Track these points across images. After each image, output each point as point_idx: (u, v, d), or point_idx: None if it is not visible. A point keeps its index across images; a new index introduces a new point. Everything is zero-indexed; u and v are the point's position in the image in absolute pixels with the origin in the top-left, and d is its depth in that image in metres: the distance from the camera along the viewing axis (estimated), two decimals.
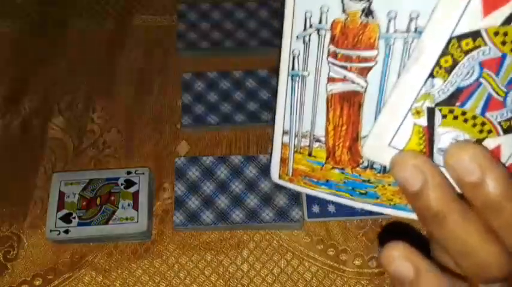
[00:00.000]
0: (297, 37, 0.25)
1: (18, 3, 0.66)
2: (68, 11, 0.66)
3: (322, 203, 0.52)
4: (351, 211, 0.52)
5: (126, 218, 0.50)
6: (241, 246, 0.51)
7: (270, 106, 0.58)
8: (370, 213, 0.52)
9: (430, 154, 0.24)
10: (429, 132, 0.24)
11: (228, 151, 0.57)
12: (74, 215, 0.50)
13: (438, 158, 0.24)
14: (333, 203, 0.52)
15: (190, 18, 0.64)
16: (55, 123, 0.58)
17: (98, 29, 0.65)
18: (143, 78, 0.61)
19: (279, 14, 0.63)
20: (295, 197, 0.52)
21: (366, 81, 0.25)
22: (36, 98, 0.60)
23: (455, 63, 0.22)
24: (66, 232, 0.49)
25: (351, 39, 0.24)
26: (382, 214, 0.28)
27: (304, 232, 0.52)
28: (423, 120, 0.24)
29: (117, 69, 0.62)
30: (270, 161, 0.29)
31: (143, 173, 0.52)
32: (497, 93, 0.23)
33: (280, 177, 0.30)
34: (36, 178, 0.55)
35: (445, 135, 0.24)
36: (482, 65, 0.22)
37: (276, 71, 0.26)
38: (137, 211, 0.50)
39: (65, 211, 0.50)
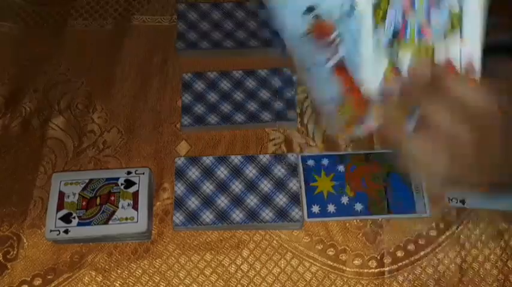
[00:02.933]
0: None
1: (18, 3, 0.66)
2: (68, 11, 0.66)
3: (322, 203, 0.52)
4: (351, 211, 0.52)
5: (126, 218, 0.50)
6: (241, 246, 0.51)
7: (270, 106, 0.58)
8: (370, 214, 0.52)
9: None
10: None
11: (228, 151, 0.57)
12: (74, 215, 0.50)
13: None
14: (332, 203, 0.52)
15: (190, 18, 0.64)
16: (55, 123, 0.58)
17: (98, 29, 0.65)
18: (143, 78, 0.61)
19: None
20: (295, 197, 0.52)
21: None
22: (36, 98, 0.60)
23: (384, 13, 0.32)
24: (66, 232, 0.49)
25: None
26: (381, 214, 0.28)
27: (304, 232, 0.52)
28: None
29: (117, 69, 0.62)
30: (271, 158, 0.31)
31: (143, 173, 0.52)
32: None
33: None
34: (36, 178, 0.55)
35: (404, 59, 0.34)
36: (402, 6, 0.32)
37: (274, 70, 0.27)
38: (137, 211, 0.50)
39: (64, 211, 0.50)
